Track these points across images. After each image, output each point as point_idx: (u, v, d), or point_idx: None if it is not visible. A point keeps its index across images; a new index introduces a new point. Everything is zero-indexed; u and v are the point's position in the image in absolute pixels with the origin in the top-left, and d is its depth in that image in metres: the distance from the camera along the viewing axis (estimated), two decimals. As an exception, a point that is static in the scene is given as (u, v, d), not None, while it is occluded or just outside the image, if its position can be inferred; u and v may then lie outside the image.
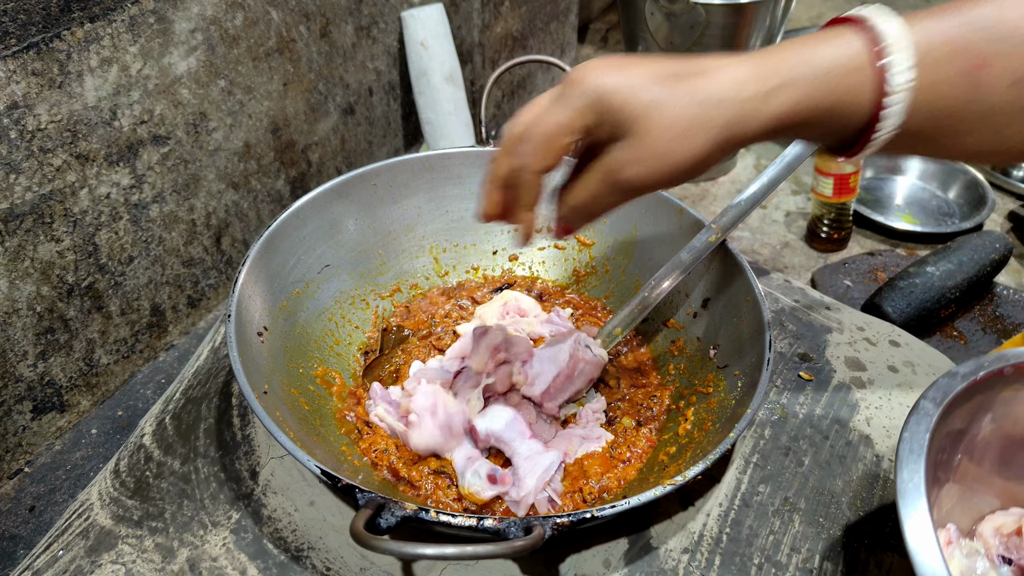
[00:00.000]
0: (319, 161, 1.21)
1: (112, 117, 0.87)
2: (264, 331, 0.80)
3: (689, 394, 0.84)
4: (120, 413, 0.95)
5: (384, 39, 1.26)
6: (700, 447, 0.73)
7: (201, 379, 0.89)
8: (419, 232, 1.00)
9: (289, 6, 1.06)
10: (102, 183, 0.88)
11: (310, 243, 0.90)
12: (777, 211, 1.40)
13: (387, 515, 0.59)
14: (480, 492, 0.72)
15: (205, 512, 0.75)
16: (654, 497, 0.63)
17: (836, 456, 0.81)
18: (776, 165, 0.88)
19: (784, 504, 0.76)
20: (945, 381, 0.64)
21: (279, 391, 0.76)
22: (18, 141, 0.79)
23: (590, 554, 0.71)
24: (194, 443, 0.81)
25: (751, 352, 0.78)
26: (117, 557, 0.71)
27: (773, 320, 0.97)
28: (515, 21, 1.49)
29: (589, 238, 1.00)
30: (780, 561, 0.71)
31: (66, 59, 0.81)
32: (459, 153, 0.98)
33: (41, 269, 0.85)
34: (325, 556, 0.71)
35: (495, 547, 0.57)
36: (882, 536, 0.74)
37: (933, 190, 1.45)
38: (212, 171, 1.02)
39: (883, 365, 0.92)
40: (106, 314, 0.93)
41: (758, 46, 1.29)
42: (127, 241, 0.93)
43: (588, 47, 1.94)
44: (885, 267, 1.23)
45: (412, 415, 0.77)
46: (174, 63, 0.93)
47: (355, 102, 1.24)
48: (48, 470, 0.89)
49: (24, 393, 0.87)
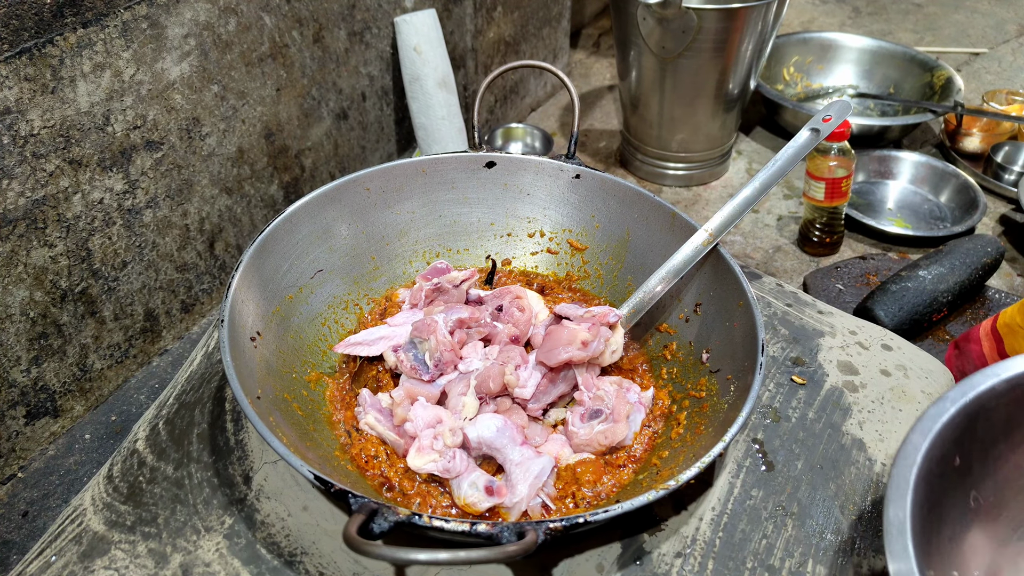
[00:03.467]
0: (312, 166, 1.21)
1: (105, 122, 0.87)
2: (257, 336, 0.80)
3: (682, 398, 0.84)
4: (113, 418, 0.95)
5: (377, 44, 1.26)
6: (693, 451, 0.73)
7: (194, 384, 0.89)
8: (412, 237, 1.00)
9: (282, 12, 1.06)
10: (95, 188, 0.88)
11: (303, 248, 0.90)
12: (769, 215, 1.40)
13: (380, 520, 0.59)
14: (477, 503, 0.72)
15: (198, 517, 0.74)
16: (647, 501, 0.63)
17: (829, 460, 0.81)
18: (768, 169, 0.88)
19: (777, 508, 0.76)
20: (935, 409, 0.63)
21: (272, 396, 0.76)
22: (11, 146, 0.79)
23: (583, 558, 0.71)
24: (187, 448, 0.81)
25: (743, 356, 0.78)
26: (110, 562, 0.71)
27: (765, 324, 0.97)
28: (508, 26, 1.49)
29: (582, 242, 1.00)
30: (773, 565, 0.72)
31: (59, 64, 0.81)
32: (452, 158, 0.99)
33: (34, 274, 0.85)
34: (318, 561, 0.71)
35: (488, 552, 0.57)
36: (875, 540, 0.74)
37: (925, 194, 1.45)
38: (205, 176, 1.02)
39: (875, 369, 0.92)
40: (99, 319, 0.93)
41: (750, 51, 1.30)
42: (120, 246, 0.93)
43: (580, 52, 1.94)
44: (877, 271, 1.23)
45: (407, 424, 0.77)
46: (167, 68, 0.93)
47: (348, 107, 1.24)
48: (41, 475, 0.89)
49: (17, 398, 0.87)
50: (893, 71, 1.70)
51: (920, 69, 1.66)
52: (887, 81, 1.71)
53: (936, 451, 0.62)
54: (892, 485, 0.59)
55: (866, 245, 1.34)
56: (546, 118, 1.69)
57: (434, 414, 0.77)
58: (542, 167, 0.99)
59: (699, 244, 0.87)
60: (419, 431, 0.76)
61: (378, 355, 0.87)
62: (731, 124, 1.43)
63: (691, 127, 1.40)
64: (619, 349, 0.84)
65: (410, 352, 0.84)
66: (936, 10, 2.17)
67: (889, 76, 1.71)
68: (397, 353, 0.84)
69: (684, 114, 1.38)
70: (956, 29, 2.07)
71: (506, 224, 1.02)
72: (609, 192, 0.97)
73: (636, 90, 1.39)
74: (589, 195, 0.99)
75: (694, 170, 1.46)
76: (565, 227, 1.01)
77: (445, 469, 0.73)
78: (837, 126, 0.89)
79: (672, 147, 1.43)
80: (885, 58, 1.71)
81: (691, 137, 1.41)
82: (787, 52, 1.74)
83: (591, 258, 1.00)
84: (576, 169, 0.98)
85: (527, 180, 1.00)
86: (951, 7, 2.18)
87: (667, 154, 1.44)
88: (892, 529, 0.57)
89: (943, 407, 0.63)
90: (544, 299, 0.94)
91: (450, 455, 0.74)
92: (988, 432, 0.67)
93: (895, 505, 0.58)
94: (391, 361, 0.85)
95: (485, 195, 1.01)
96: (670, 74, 1.32)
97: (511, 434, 0.76)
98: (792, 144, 0.89)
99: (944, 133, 1.57)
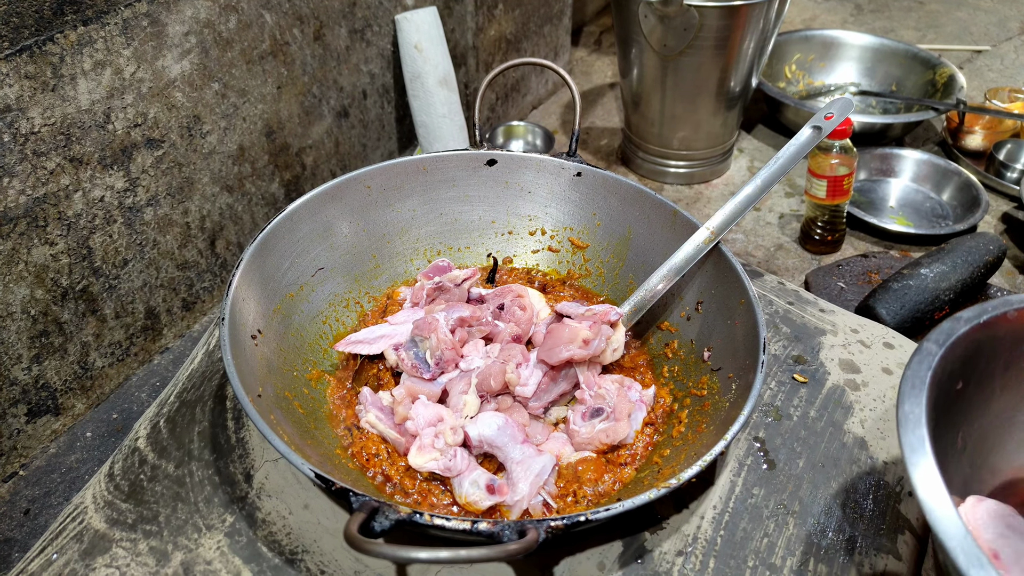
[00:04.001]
0: (313, 164, 1.21)
1: (106, 120, 0.87)
2: (258, 334, 0.80)
3: (683, 396, 0.84)
4: (115, 416, 0.95)
5: (378, 42, 1.26)
6: (694, 450, 0.73)
7: (195, 382, 0.89)
8: (413, 235, 1.00)
9: (283, 9, 1.06)
10: (96, 186, 0.88)
11: (304, 246, 0.90)
12: (771, 213, 1.40)
13: (381, 519, 0.59)
14: (479, 502, 0.72)
15: (199, 515, 0.74)
16: (648, 500, 0.63)
17: (830, 458, 0.81)
18: (769, 167, 0.88)
19: (778, 507, 0.76)
20: (948, 324, 0.63)
21: (273, 394, 0.76)
22: (11, 144, 0.79)
23: (584, 557, 0.71)
24: (188, 446, 0.81)
25: (745, 354, 0.78)
26: (111, 560, 0.71)
27: (767, 322, 0.97)
28: (509, 24, 1.49)
29: (583, 240, 1.00)
30: (774, 564, 0.72)
31: (59, 62, 0.81)
32: (453, 156, 0.99)
33: (35, 272, 0.85)
34: (319, 559, 0.71)
35: (489, 551, 0.57)
36: (877, 538, 0.74)
37: (927, 192, 1.45)
38: (206, 174, 1.02)
39: (877, 367, 0.92)
40: (100, 317, 0.93)
41: (752, 49, 1.30)
42: (121, 244, 0.93)
43: (582, 50, 1.94)
44: (879, 269, 1.23)
45: (408, 422, 0.77)
46: (168, 66, 0.93)
47: (349, 105, 1.24)
48: (43, 473, 0.89)
49: (19, 396, 0.87)
50: (895, 69, 1.70)
51: (922, 67, 1.66)
52: (889, 79, 1.71)
53: (947, 364, 0.62)
54: (907, 382, 0.59)
55: (868, 243, 1.34)
56: (547, 116, 1.69)
57: (435, 412, 0.77)
58: (543, 165, 0.99)
59: (700, 242, 0.87)
60: (420, 429, 0.76)
61: (379, 353, 0.87)
62: (733, 122, 1.43)
63: (693, 125, 1.39)
64: (620, 347, 0.84)
65: (411, 350, 0.84)
66: (938, 7, 2.16)
67: (891, 74, 1.71)
68: (398, 351, 0.84)
69: (686, 112, 1.37)
70: (958, 26, 2.07)
71: (507, 222, 1.02)
72: (610, 190, 0.97)
73: (637, 88, 1.39)
74: (590, 193, 0.99)
75: (696, 168, 1.46)
76: (566, 225, 1.01)
77: (446, 468, 0.73)
78: (839, 124, 0.89)
79: (674, 145, 1.43)
80: (887, 56, 1.71)
81: (693, 135, 1.41)
82: (789, 50, 1.73)
83: (592, 256, 1.00)
84: (577, 167, 0.98)
85: (528, 178, 1.00)
86: (953, 4, 2.17)
87: (669, 152, 1.44)
88: (908, 423, 0.56)
89: (956, 325, 0.63)
90: (545, 297, 0.94)
91: (451, 453, 0.74)
92: (988, 365, 0.67)
93: (910, 401, 0.57)
94: (392, 359, 0.85)
95: (486, 193, 1.01)
96: (671, 72, 1.32)
97: (512, 432, 0.76)
98: (794, 142, 0.89)
99: (946, 131, 1.56)
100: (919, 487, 0.52)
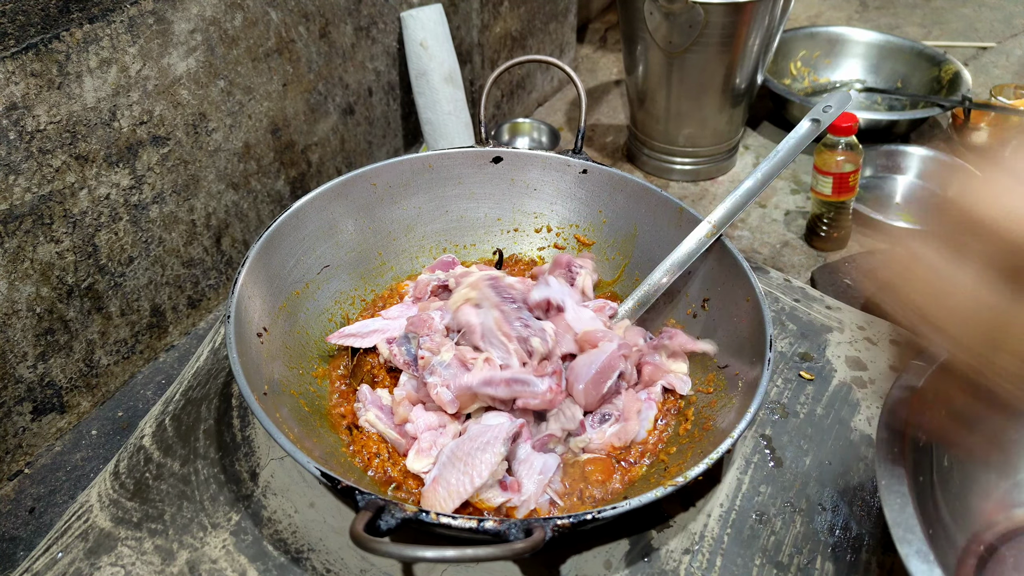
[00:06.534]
0: (319, 161, 1.21)
1: (111, 118, 0.87)
2: (264, 332, 0.80)
3: (690, 394, 0.83)
4: (120, 414, 0.95)
5: (383, 39, 1.26)
6: (701, 447, 0.73)
7: (201, 380, 0.89)
8: (419, 232, 1.00)
9: (288, 7, 1.06)
10: (102, 184, 0.88)
11: (310, 244, 0.90)
12: (776, 210, 1.40)
13: (387, 517, 0.59)
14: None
15: (205, 514, 0.74)
16: (655, 498, 0.63)
17: (837, 456, 0.81)
18: (769, 160, 0.88)
19: (785, 505, 0.76)
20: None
21: (279, 392, 0.76)
22: (17, 142, 0.79)
23: (591, 555, 0.71)
24: (194, 444, 0.81)
25: (751, 352, 0.78)
26: (116, 559, 0.71)
27: (773, 319, 0.97)
28: (514, 21, 1.49)
29: (589, 237, 1.00)
30: (782, 562, 0.71)
31: (65, 60, 0.81)
32: (459, 153, 0.98)
33: (41, 270, 0.84)
34: (325, 558, 0.71)
35: (495, 549, 0.56)
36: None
37: (933, 189, 1.45)
38: (212, 172, 1.02)
39: (884, 364, 0.91)
40: (106, 315, 0.93)
41: (757, 46, 1.29)
42: (127, 242, 0.93)
43: (587, 47, 1.94)
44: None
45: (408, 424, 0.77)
46: (173, 64, 0.92)
47: (355, 102, 1.24)
48: (48, 471, 0.89)
49: (24, 394, 0.87)
50: (901, 65, 1.69)
51: (928, 63, 1.65)
52: (895, 75, 1.70)
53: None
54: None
55: (874, 240, 1.33)
56: (553, 113, 1.68)
57: (436, 419, 0.77)
58: (549, 162, 0.99)
59: (703, 236, 0.87)
60: (419, 433, 0.76)
61: (371, 347, 0.86)
62: (738, 119, 1.42)
63: (698, 122, 1.39)
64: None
65: (403, 346, 0.83)
66: (944, 4, 2.15)
67: (897, 70, 1.70)
68: (391, 346, 0.84)
69: (691, 109, 1.37)
70: (964, 23, 2.06)
71: (513, 219, 1.02)
72: (616, 187, 0.97)
73: (643, 85, 1.38)
74: (596, 190, 0.99)
75: (701, 165, 1.45)
76: (572, 222, 1.01)
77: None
78: (838, 115, 0.89)
79: (679, 142, 1.42)
80: (892, 52, 1.70)
81: (698, 132, 1.40)
82: (794, 46, 1.73)
83: (598, 253, 1.00)
84: (583, 164, 0.98)
85: (534, 175, 1.00)
86: (959, 1, 2.16)
87: (674, 149, 1.44)
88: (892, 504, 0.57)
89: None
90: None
91: None
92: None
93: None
94: (385, 352, 0.84)
95: (492, 190, 1.01)
96: (677, 69, 1.32)
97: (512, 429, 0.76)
98: (793, 135, 0.89)
99: (952, 128, 1.56)
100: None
